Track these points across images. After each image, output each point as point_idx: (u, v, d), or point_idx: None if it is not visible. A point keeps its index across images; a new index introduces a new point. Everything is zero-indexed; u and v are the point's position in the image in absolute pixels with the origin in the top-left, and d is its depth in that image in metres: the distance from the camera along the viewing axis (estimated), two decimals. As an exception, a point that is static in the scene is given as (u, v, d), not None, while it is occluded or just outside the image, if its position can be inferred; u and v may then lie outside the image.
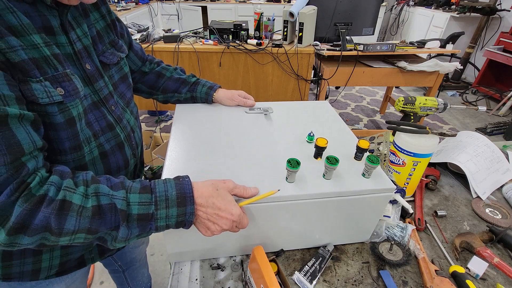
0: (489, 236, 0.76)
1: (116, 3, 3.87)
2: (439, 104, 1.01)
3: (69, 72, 0.52)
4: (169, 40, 2.08)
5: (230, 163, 0.66)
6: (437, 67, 2.09)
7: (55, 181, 0.45)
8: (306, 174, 0.63)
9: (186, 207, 0.50)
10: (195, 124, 0.81)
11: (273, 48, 2.07)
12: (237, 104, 0.92)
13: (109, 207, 0.46)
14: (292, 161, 0.58)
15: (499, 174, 0.98)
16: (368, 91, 3.94)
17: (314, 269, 0.67)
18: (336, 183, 0.62)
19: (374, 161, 0.60)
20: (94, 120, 0.59)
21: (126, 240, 0.49)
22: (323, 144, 0.65)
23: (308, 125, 0.84)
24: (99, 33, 0.64)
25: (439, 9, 4.17)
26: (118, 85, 0.68)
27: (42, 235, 0.43)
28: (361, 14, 2.14)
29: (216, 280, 0.65)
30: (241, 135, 0.78)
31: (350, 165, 0.68)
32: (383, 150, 0.90)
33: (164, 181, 0.52)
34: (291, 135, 0.79)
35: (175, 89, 0.90)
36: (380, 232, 0.74)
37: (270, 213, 0.62)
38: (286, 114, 0.91)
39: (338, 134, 0.81)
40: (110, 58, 0.64)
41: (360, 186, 0.62)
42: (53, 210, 0.43)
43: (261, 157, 0.69)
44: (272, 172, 0.63)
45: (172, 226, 0.51)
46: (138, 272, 1.16)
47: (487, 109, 3.42)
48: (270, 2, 4.69)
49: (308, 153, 0.71)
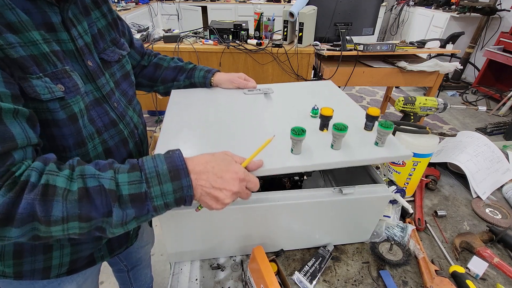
0: (489, 236, 0.76)
1: (116, 3, 3.87)
2: (439, 104, 1.00)
3: (68, 69, 0.52)
4: (169, 40, 2.08)
5: (229, 141, 0.63)
6: (437, 67, 2.09)
7: (36, 166, 0.42)
8: (312, 146, 0.59)
9: (181, 180, 0.45)
10: (191, 106, 0.78)
11: (273, 48, 2.07)
12: (237, 86, 0.88)
13: (97, 190, 0.42)
14: (297, 129, 0.54)
15: (499, 174, 0.98)
16: (368, 91, 3.94)
17: (314, 269, 0.67)
18: (345, 153, 0.58)
19: (388, 126, 0.57)
20: (97, 117, 0.59)
21: (123, 224, 0.45)
22: (329, 113, 0.61)
23: (311, 102, 0.78)
24: (101, 31, 0.64)
25: (439, 9, 4.17)
26: (121, 82, 0.69)
27: (31, 226, 0.41)
28: (361, 14, 2.13)
29: (216, 280, 0.65)
30: (240, 115, 0.74)
31: (360, 136, 0.63)
32: (383, 150, 0.90)
33: (153, 157, 0.48)
34: (294, 112, 0.74)
35: (173, 77, 0.89)
36: (380, 232, 0.74)
37: (270, 213, 0.62)
38: (287, 94, 0.88)
39: (345, 108, 0.76)
40: (111, 56, 0.65)
41: (372, 154, 0.58)
42: (36, 195, 0.40)
43: (263, 134, 0.64)
44: (276, 147, 0.59)
45: (172, 205, 0.47)
46: (141, 273, 1.16)
47: (487, 109, 3.42)
48: (270, 2, 4.68)
49: (314, 127, 0.66)
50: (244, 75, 0.91)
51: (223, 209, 0.50)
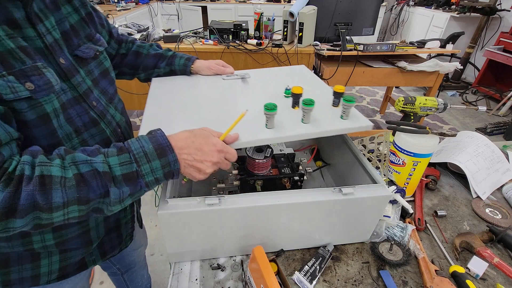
0: (489, 236, 0.76)
1: (116, 3, 3.87)
2: (439, 104, 1.01)
3: (41, 65, 0.49)
4: (169, 40, 2.08)
5: (208, 122, 0.66)
6: (437, 67, 2.09)
7: (27, 160, 0.44)
8: (284, 122, 0.65)
9: (168, 156, 0.50)
10: (171, 92, 0.81)
11: (273, 48, 2.07)
12: (215, 72, 0.92)
13: (91, 174, 0.45)
14: (269, 105, 0.60)
15: (499, 174, 0.98)
16: (368, 91, 3.94)
17: (314, 269, 0.67)
18: (314, 126, 0.64)
19: (351, 100, 0.64)
20: (75, 116, 0.56)
21: (121, 201, 0.49)
22: (299, 91, 0.67)
23: (286, 84, 0.83)
24: (74, 27, 0.61)
25: (439, 9, 4.17)
26: (99, 80, 0.65)
27: (33, 215, 0.43)
28: (361, 14, 2.13)
29: (216, 280, 0.65)
30: (219, 99, 0.78)
31: (328, 111, 0.71)
32: (383, 150, 0.90)
33: (137, 138, 0.51)
34: (270, 94, 0.80)
35: (154, 64, 0.90)
36: (380, 232, 0.74)
37: (270, 213, 0.62)
38: (263, 78, 0.93)
39: (315, 87, 0.83)
40: (86, 52, 0.61)
41: (337, 126, 0.65)
42: (34, 186, 0.42)
43: (240, 113, 0.67)
44: (252, 123, 0.64)
45: (162, 179, 0.51)
46: (137, 274, 1.15)
47: (487, 109, 3.42)
48: (270, 2, 4.68)
49: (287, 106, 0.72)
50: (222, 62, 0.95)
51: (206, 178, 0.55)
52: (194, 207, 0.58)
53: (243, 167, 0.80)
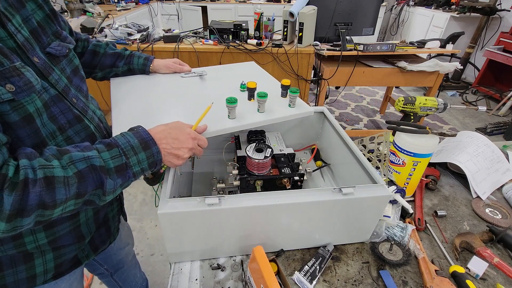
0: (489, 236, 0.76)
1: (116, 3, 3.87)
2: (439, 104, 1.01)
3: (19, 65, 0.48)
4: (169, 40, 2.08)
5: (177, 115, 0.73)
6: (437, 67, 2.09)
7: (26, 164, 0.45)
8: (243, 113, 0.74)
9: (151, 148, 0.56)
10: (134, 93, 0.84)
11: (273, 48, 2.07)
12: (173, 71, 0.96)
13: (88, 170, 0.49)
14: (231, 99, 0.69)
15: (499, 174, 0.98)
16: (368, 91, 3.94)
17: (314, 269, 0.67)
18: (268, 115, 0.74)
19: (295, 91, 0.76)
20: (59, 113, 0.57)
21: (114, 191, 0.53)
22: (253, 86, 0.78)
23: (240, 80, 0.90)
24: (40, 24, 0.59)
25: (439, 9, 4.17)
26: (72, 78, 0.65)
27: (37, 213, 0.45)
28: (361, 14, 2.13)
29: (216, 280, 0.65)
30: (179, 96, 0.83)
31: (278, 101, 0.81)
32: (383, 150, 0.90)
33: (122, 134, 0.56)
34: (227, 89, 0.87)
35: (111, 63, 0.90)
36: (380, 232, 0.74)
37: (270, 213, 0.62)
38: (219, 75, 1.00)
39: (265, 81, 0.94)
40: (58, 50, 0.60)
41: (286, 113, 0.76)
42: (41, 187, 0.44)
43: (204, 106, 0.72)
44: (216, 115, 0.72)
45: (147, 169, 0.56)
46: (128, 274, 1.13)
47: (487, 109, 3.42)
48: (270, 2, 4.68)
49: (243, 98, 0.81)
50: (179, 60, 0.99)
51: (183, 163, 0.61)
52: (194, 207, 0.58)
53: (243, 167, 0.80)
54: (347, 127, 3.07)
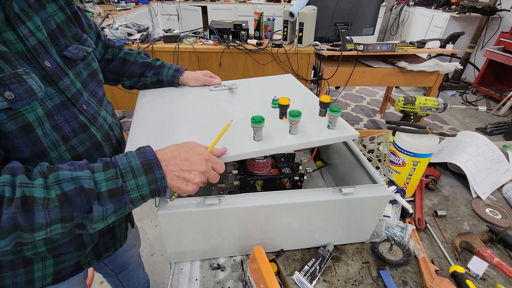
0: (489, 236, 0.76)
1: (116, 3, 3.87)
2: (439, 104, 1.01)
3: (21, 72, 0.46)
4: (169, 40, 2.08)
5: (196, 133, 0.67)
6: (437, 67, 2.09)
7: (6, 180, 0.41)
8: (272, 133, 0.66)
9: (155, 172, 0.49)
10: (158, 106, 0.81)
11: (273, 48, 2.07)
12: (203, 83, 0.91)
13: (75, 192, 0.44)
14: (256, 118, 0.60)
15: (499, 174, 0.98)
16: (368, 91, 3.94)
17: (314, 269, 0.67)
18: (301, 137, 0.65)
19: (336, 110, 0.65)
20: (63, 122, 0.54)
21: (103, 218, 0.47)
22: (286, 102, 0.68)
23: (273, 94, 0.83)
24: (60, 26, 0.58)
25: (439, 9, 4.17)
26: (88, 82, 0.63)
27: (14, 235, 0.41)
28: (361, 14, 2.13)
29: (216, 280, 0.65)
30: (207, 110, 0.78)
31: (315, 121, 0.71)
32: (383, 150, 0.90)
33: (125, 154, 0.50)
34: (257, 104, 0.81)
35: (140, 73, 0.88)
36: (380, 232, 0.74)
37: (270, 213, 0.62)
38: (251, 88, 0.93)
39: (302, 97, 0.84)
40: (75, 53, 0.59)
41: (325, 136, 0.65)
42: (16, 209, 0.40)
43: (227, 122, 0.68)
44: (239, 135, 0.64)
45: (148, 196, 0.50)
46: (132, 275, 1.14)
47: (487, 109, 3.42)
48: (270, 2, 4.68)
49: (275, 116, 0.73)
50: (209, 72, 0.94)
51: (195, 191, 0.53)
52: (194, 207, 0.58)
53: (243, 167, 0.80)
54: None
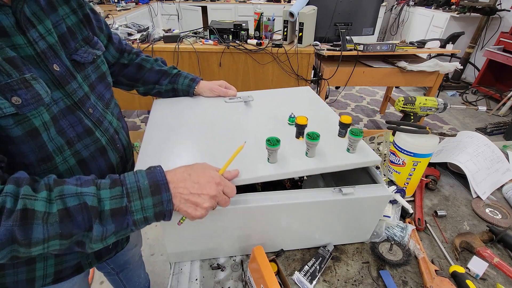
0: (489, 236, 0.76)
1: (116, 3, 3.87)
2: (439, 104, 1.01)
3: (29, 77, 0.46)
4: (169, 40, 2.08)
5: (208, 149, 0.65)
6: (437, 67, 2.09)
7: (10, 190, 0.40)
8: (288, 154, 0.62)
9: (162, 194, 0.47)
10: (172, 115, 0.80)
11: (273, 48, 2.07)
12: (218, 94, 0.90)
13: (78, 208, 0.43)
14: (271, 139, 0.56)
15: (499, 174, 0.98)
16: (368, 91, 3.94)
17: (314, 269, 0.67)
18: (319, 160, 0.61)
19: (358, 134, 0.60)
20: (68, 126, 0.54)
21: (103, 239, 0.46)
22: (303, 122, 0.64)
23: (290, 109, 0.81)
24: (71, 29, 0.58)
25: (439, 9, 4.17)
26: (96, 85, 0.63)
27: (10, 248, 0.40)
28: (361, 14, 2.14)
29: (216, 280, 0.65)
30: (220, 123, 0.76)
31: (334, 142, 0.66)
32: (383, 150, 0.90)
33: (134, 172, 0.49)
34: (273, 120, 0.77)
35: (156, 80, 0.88)
36: (380, 232, 0.74)
37: (270, 213, 0.62)
38: (267, 101, 0.90)
39: (320, 114, 0.80)
40: (84, 57, 0.59)
41: (343, 160, 0.61)
42: (15, 221, 0.39)
43: (241, 141, 0.65)
44: (253, 155, 0.62)
45: (151, 219, 0.48)
46: (133, 274, 1.14)
47: (487, 109, 3.42)
48: (270, 2, 4.68)
49: (291, 134, 0.70)
50: (225, 83, 0.93)
51: (204, 217, 0.51)
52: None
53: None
54: (347, 127, 3.06)
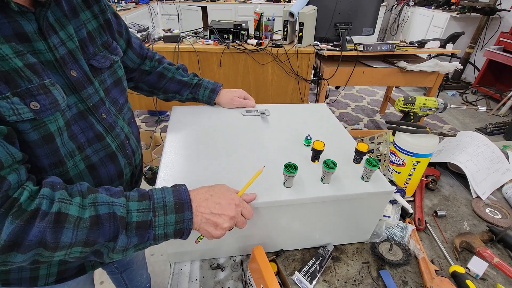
0: (489, 236, 0.76)
1: (116, 3, 3.87)
2: (439, 104, 1.01)
3: (48, 83, 0.46)
4: (169, 40, 2.08)
5: (226, 168, 0.67)
6: (437, 67, 2.09)
7: (46, 193, 0.42)
8: (303, 178, 0.63)
9: (184, 213, 0.50)
10: (190, 128, 0.81)
11: (273, 48, 2.07)
12: (237, 106, 0.93)
13: (107, 216, 0.45)
14: (290, 166, 0.57)
15: (499, 174, 0.98)
16: (368, 91, 3.94)
17: (314, 269, 0.67)
18: (334, 187, 0.62)
19: (373, 164, 0.60)
20: (79, 132, 0.54)
21: (125, 250, 0.48)
22: (320, 147, 0.65)
23: (306, 127, 0.83)
24: (91, 34, 0.58)
25: (439, 9, 4.17)
26: (110, 90, 0.63)
27: (36, 251, 0.41)
28: (361, 14, 2.13)
29: (216, 280, 0.65)
30: (238, 139, 0.77)
31: (348, 168, 0.68)
32: (383, 150, 0.90)
33: (161, 188, 0.52)
34: (289, 138, 0.79)
35: (176, 90, 0.89)
36: (380, 232, 0.74)
37: (270, 214, 0.62)
38: (283, 116, 0.91)
39: (336, 137, 0.81)
40: (102, 62, 0.59)
41: (359, 189, 0.62)
42: (48, 223, 0.41)
43: (258, 161, 0.68)
44: (269, 176, 0.63)
45: (170, 235, 0.50)
46: (136, 274, 1.15)
47: (487, 109, 3.42)
48: (270, 2, 4.68)
49: (306, 156, 0.71)
50: (244, 93, 0.95)
51: (222, 237, 0.53)
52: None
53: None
54: (347, 127, 3.06)
